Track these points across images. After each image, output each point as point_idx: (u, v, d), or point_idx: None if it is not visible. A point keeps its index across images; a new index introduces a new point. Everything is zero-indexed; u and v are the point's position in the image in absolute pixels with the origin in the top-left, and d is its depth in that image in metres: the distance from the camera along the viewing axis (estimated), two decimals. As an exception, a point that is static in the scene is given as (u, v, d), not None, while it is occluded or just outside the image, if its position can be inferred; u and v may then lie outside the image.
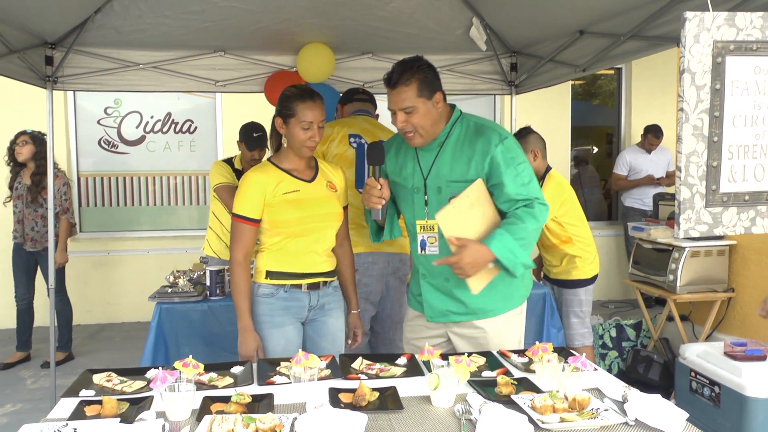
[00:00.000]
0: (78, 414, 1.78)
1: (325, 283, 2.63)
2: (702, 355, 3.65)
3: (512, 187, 2.27)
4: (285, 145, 2.60)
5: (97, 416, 1.76)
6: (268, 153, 2.86)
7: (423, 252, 2.45)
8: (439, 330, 2.55)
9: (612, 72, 7.56)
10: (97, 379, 2.07)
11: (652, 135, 6.49)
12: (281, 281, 2.55)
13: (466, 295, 2.39)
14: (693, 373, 3.64)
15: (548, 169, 3.82)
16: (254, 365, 2.22)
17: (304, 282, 2.57)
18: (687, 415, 1.72)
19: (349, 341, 2.77)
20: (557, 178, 3.81)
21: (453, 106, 2.45)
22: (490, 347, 2.44)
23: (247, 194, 2.50)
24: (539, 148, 3.80)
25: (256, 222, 2.51)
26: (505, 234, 2.22)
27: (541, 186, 3.68)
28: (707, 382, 3.53)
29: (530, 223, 2.25)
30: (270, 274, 2.55)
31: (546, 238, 3.79)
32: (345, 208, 2.68)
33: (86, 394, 1.95)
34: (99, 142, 6.63)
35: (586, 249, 3.79)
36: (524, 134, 3.84)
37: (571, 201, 3.77)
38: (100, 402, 1.81)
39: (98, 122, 6.62)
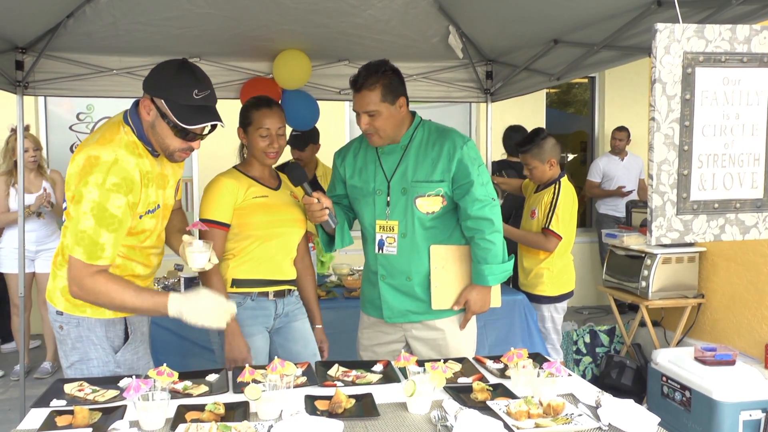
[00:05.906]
0: (49, 424, 1.75)
1: (289, 291, 2.64)
2: (673, 360, 3.71)
3: (478, 188, 2.41)
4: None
5: (69, 426, 1.73)
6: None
7: (381, 251, 2.51)
8: (396, 335, 2.58)
9: (586, 81, 7.68)
10: (69, 388, 2.02)
11: (617, 130, 6.66)
12: (248, 289, 2.53)
13: (427, 293, 2.48)
14: (664, 378, 3.70)
15: (561, 175, 3.69)
16: (230, 373, 2.20)
17: (271, 290, 2.56)
18: (659, 419, 1.75)
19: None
20: (570, 189, 3.66)
21: (414, 113, 2.54)
22: (449, 349, 2.51)
23: (218, 198, 2.48)
24: (556, 156, 3.65)
25: (227, 227, 2.49)
26: (491, 266, 2.44)
27: (555, 196, 3.60)
28: (678, 386, 3.59)
29: (499, 242, 2.45)
30: (236, 282, 2.53)
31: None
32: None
33: (57, 404, 1.91)
34: (71, 149, 6.52)
35: (559, 265, 3.68)
36: (539, 141, 3.64)
37: (574, 214, 3.69)
38: (71, 412, 1.78)
39: (70, 128, 6.51)
